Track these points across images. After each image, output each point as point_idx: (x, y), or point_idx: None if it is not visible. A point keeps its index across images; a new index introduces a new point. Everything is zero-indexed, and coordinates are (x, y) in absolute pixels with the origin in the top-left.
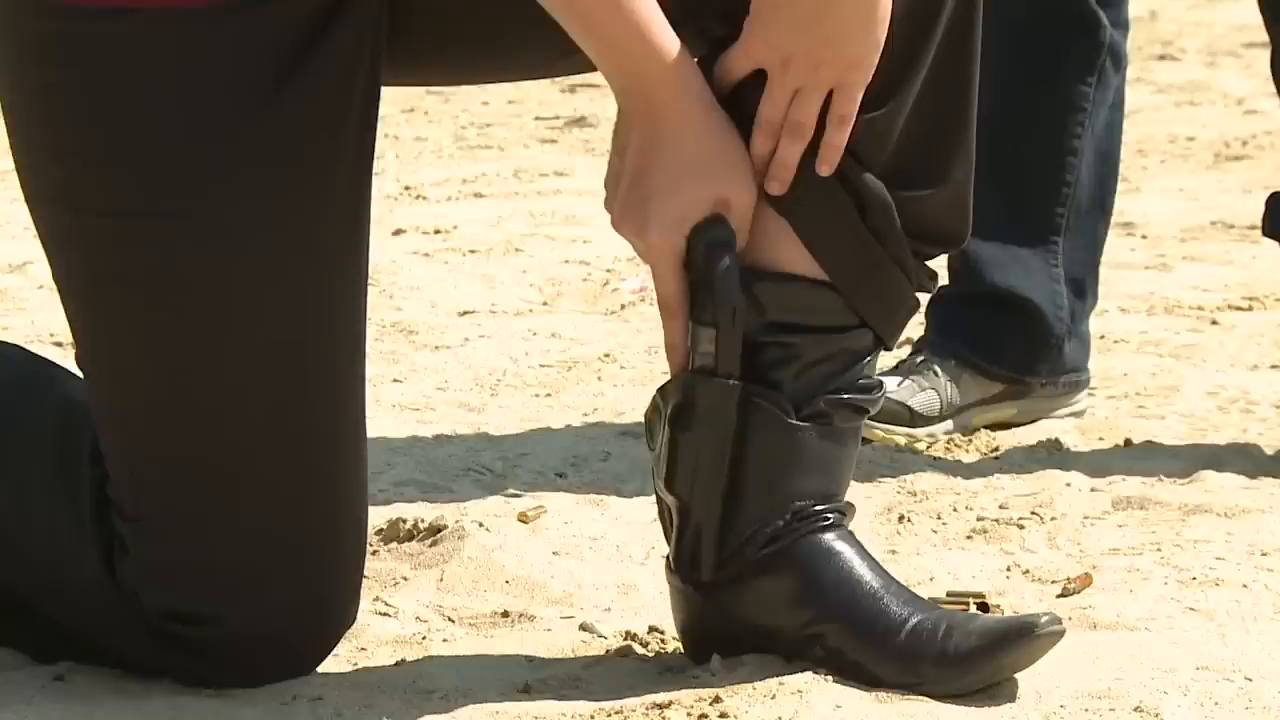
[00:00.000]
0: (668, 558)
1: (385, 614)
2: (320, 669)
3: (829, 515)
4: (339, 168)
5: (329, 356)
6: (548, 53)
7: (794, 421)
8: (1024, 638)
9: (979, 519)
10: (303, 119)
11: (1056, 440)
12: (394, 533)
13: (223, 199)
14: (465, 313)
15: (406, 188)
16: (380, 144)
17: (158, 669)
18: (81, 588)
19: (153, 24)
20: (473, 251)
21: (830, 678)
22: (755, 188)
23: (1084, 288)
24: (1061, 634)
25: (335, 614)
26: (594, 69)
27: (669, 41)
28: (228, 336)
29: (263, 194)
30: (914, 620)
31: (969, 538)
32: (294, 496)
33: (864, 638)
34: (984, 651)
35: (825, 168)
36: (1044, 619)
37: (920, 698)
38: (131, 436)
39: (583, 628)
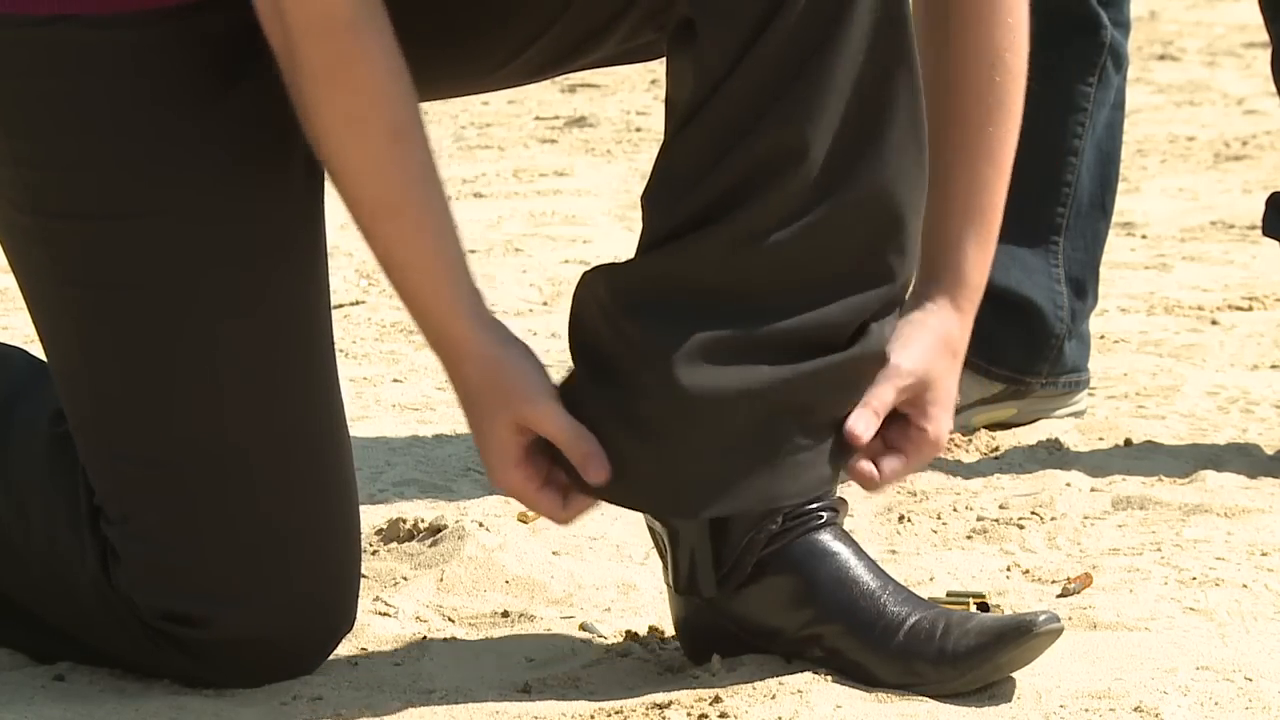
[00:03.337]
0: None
1: (385, 614)
2: (320, 669)
3: (822, 514)
4: (292, 165)
5: (297, 351)
6: (504, 57)
7: None
8: (1022, 636)
9: (979, 519)
10: (252, 119)
11: (1056, 440)
12: (394, 533)
13: (175, 200)
14: None
15: None
16: None
17: (157, 670)
18: (79, 591)
19: (92, 29)
20: (473, 251)
21: (830, 678)
22: (551, 396)
23: (1084, 288)
24: (1060, 632)
25: (332, 615)
26: (563, 73)
27: (450, 281)
28: (192, 335)
29: (215, 194)
30: (912, 620)
31: (969, 538)
32: (277, 494)
33: (863, 638)
34: (982, 650)
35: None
36: (1042, 617)
37: (920, 697)
38: (108, 440)
39: (583, 628)
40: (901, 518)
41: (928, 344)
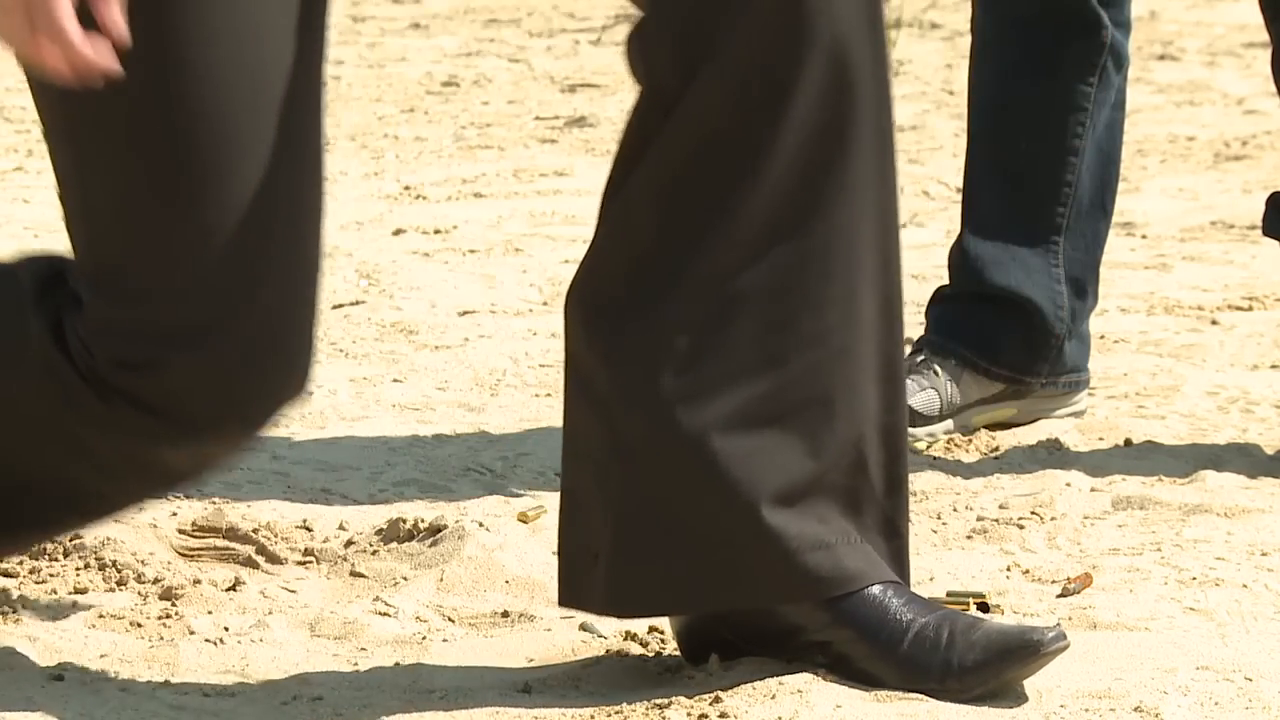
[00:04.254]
0: None
1: (385, 614)
2: (320, 669)
3: None
4: None
5: (291, 82)
6: None
7: None
8: (1028, 655)
9: (979, 519)
10: None
11: (1056, 440)
12: (394, 533)
13: None
14: (465, 313)
15: (406, 188)
16: (380, 144)
17: (104, 451)
18: (24, 372)
19: None
20: (473, 251)
21: (830, 677)
22: None
23: (1084, 288)
24: (1065, 648)
25: (286, 366)
26: None
27: None
28: (187, 51)
29: None
30: (916, 626)
31: (969, 538)
32: (254, 214)
33: (869, 644)
34: (987, 666)
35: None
36: (1049, 635)
37: (920, 697)
38: (98, 154)
39: (583, 628)
40: None
41: None
